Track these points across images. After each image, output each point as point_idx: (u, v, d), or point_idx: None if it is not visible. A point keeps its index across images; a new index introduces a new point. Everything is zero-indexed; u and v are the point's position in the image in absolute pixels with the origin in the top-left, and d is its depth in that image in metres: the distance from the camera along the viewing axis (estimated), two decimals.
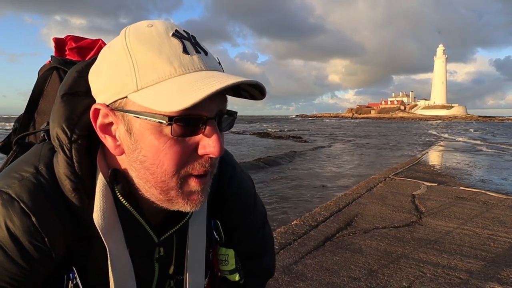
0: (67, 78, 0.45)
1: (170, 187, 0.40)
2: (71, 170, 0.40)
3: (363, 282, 1.82)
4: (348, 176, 6.23)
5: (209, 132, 0.38)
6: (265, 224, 0.63)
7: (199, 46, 0.40)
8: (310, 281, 1.82)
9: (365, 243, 2.34)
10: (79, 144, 0.41)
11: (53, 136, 0.42)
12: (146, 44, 0.38)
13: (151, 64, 0.37)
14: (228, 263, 0.53)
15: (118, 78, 0.39)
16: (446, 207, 3.23)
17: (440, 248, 2.28)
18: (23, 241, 0.39)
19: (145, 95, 0.37)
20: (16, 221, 0.38)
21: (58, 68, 0.57)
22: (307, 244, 2.29)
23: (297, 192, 4.84)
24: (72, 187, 0.41)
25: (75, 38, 0.63)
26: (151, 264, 0.48)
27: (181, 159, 0.38)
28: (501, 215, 3.02)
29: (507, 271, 1.96)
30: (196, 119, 0.37)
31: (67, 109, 0.42)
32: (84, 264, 0.43)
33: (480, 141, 11.67)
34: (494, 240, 2.44)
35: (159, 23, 0.40)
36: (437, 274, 1.92)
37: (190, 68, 0.37)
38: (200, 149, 0.39)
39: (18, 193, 0.39)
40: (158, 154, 0.38)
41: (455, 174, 5.29)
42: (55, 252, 0.41)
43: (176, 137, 0.37)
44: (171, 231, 0.47)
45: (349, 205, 3.21)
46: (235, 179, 0.56)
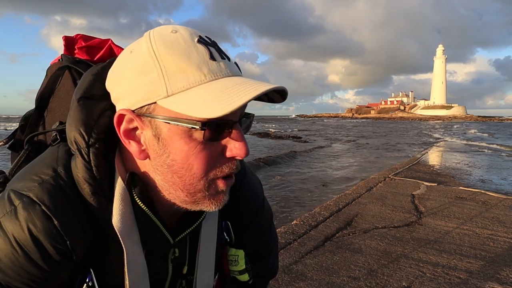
0: (83, 81, 0.45)
1: (197, 189, 0.41)
2: (90, 174, 0.41)
3: (363, 281, 1.82)
4: (348, 176, 6.23)
5: (236, 135, 0.40)
6: (271, 224, 0.65)
7: (222, 53, 0.41)
8: (310, 280, 1.83)
9: (365, 243, 2.34)
10: (97, 148, 0.42)
11: (70, 140, 0.42)
12: (174, 50, 0.39)
13: (180, 70, 0.38)
14: (238, 264, 0.54)
15: (145, 84, 0.39)
16: (445, 207, 3.23)
17: (440, 248, 2.28)
18: (45, 244, 0.39)
19: (177, 101, 0.37)
20: (38, 224, 0.39)
21: (70, 67, 0.57)
22: (307, 244, 2.29)
23: (297, 192, 4.84)
24: (91, 190, 0.41)
25: (84, 37, 0.63)
26: (166, 264, 0.49)
27: (210, 162, 0.40)
28: (501, 215, 3.03)
29: (506, 271, 1.97)
30: (225, 124, 0.39)
31: (84, 113, 0.42)
32: (100, 265, 0.43)
33: (479, 143, 11.59)
34: (493, 240, 2.44)
35: (182, 29, 0.41)
36: (437, 273, 1.92)
37: (218, 75, 0.39)
38: (227, 151, 0.40)
39: (39, 196, 0.39)
40: (188, 158, 0.39)
41: (454, 174, 5.29)
42: (75, 254, 0.41)
43: (206, 141, 0.39)
44: (186, 232, 0.48)
45: (349, 205, 3.21)
46: (246, 181, 0.57)
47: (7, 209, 0.39)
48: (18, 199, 0.40)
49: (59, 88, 0.57)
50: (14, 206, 0.39)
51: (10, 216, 0.39)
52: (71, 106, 0.44)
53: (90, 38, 0.64)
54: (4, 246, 0.39)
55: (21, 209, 0.39)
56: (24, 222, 0.39)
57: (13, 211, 0.39)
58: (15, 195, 0.40)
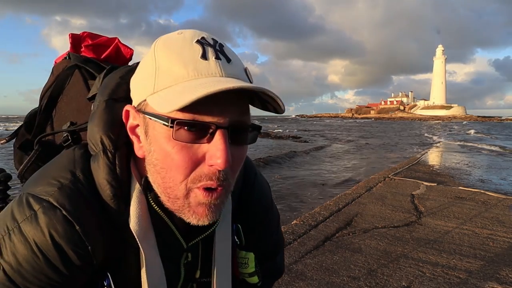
0: (109, 83, 0.45)
1: (176, 195, 0.39)
2: (113, 176, 0.40)
3: (363, 281, 1.82)
4: (348, 176, 6.23)
5: (216, 142, 0.37)
6: (278, 225, 0.65)
7: (222, 53, 0.39)
8: (310, 280, 1.83)
9: (364, 243, 2.34)
10: (122, 151, 0.42)
11: (95, 141, 0.42)
12: (168, 49, 0.39)
13: (168, 68, 0.38)
14: (248, 266, 0.53)
15: (143, 81, 0.40)
16: (445, 207, 3.24)
17: (440, 248, 2.28)
18: (66, 249, 0.39)
19: (156, 98, 0.37)
20: (59, 229, 0.38)
21: (80, 66, 0.56)
22: (307, 243, 2.29)
23: (296, 191, 4.84)
24: (112, 193, 0.41)
25: (91, 35, 0.63)
26: (178, 268, 0.48)
27: (187, 166, 0.37)
28: (500, 214, 3.03)
29: (506, 271, 1.97)
30: (202, 125, 0.36)
31: (111, 115, 0.42)
32: (116, 269, 0.43)
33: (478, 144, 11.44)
34: (493, 240, 2.45)
35: (188, 31, 0.41)
36: (436, 273, 1.93)
37: (204, 73, 0.37)
38: (207, 159, 0.37)
39: (60, 201, 0.39)
40: (167, 158, 0.38)
41: (454, 174, 5.30)
42: (95, 259, 0.41)
43: (179, 141, 0.37)
44: (199, 237, 0.47)
45: (349, 205, 3.22)
46: (257, 185, 0.57)
47: (26, 214, 0.39)
48: (38, 204, 0.39)
49: (68, 88, 0.56)
50: (34, 211, 0.39)
51: (30, 221, 0.38)
52: (98, 106, 0.43)
53: (96, 36, 0.63)
54: (25, 251, 0.38)
55: (42, 214, 0.38)
56: (45, 227, 0.38)
57: (33, 216, 0.38)
58: (34, 200, 0.39)
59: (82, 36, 0.63)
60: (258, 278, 0.54)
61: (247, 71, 0.42)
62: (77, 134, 0.51)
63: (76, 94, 0.55)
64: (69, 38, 0.62)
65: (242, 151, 0.41)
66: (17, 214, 0.39)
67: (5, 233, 0.39)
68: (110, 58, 0.63)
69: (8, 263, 0.38)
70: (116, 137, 0.41)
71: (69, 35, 0.62)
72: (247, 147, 0.42)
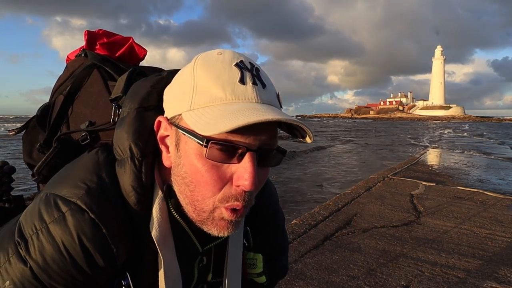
0: (140, 91, 0.46)
1: (203, 209, 0.41)
2: (139, 183, 0.42)
3: (362, 281, 1.83)
4: (347, 176, 6.25)
5: (245, 163, 0.38)
6: (284, 227, 0.66)
7: (258, 79, 0.41)
8: (310, 280, 1.83)
9: (364, 242, 2.35)
10: (148, 159, 0.43)
11: (123, 147, 0.43)
12: (208, 69, 0.40)
13: (207, 88, 0.39)
14: (256, 267, 0.55)
15: (179, 96, 0.41)
16: (444, 207, 3.25)
17: (438, 247, 2.29)
18: (93, 251, 0.40)
19: (193, 115, 0.39)
20: (87, 232, 0.39)
21: (98, 66, 0.57)
22: (307, 243, 2.30)
23: (296, 191, 4.85)
24: (137, 199, 0.42)
25: (107, 33, 0.64)
26: (192, 270, 0.50)
27: (216, 185, 0.39)
28: (499, 214, 3.04)
29: (504, 270, 1.98)
30: (233, 147, 0.38)
31: (142, 124, 0.43)
32: (135, 270, 0.44)
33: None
34: (491, 239, 2.46)
35: (229, 52, 0.42)
36: (435, 273, 1.93)
37: (241, 98, 0.38)
38: (234, 180, 0.39)
39: (88, 204, 0.40)
40: (196, 174, 0.39)
41: (453, 174, 5.31)
42: (118, 261, 0.42)
43: (211, 160, 0.38)
44: (215, 242, 0.49)
45: (348, 205, 3.22)
46: (266, 189, 0.58)
47: (55, 215, 0.40)
48: (66, 206, 0.40)
49: (86, 87, 0.57)
50: (62, 213, 0.40)
51: (59, 223, 0.39)
52: (128, 112, 0.44)
53: (112, 34, 0.64)
54: (52, 251, 0.39)
55: (70, 216, 0.39)
56: (73, 229, 0.39)
57: (61, 218, 0.39)
58: (62, 202, 0.40)
59: (98, 33, 0.64)
60: (266, 277, 0.55)
61: (279, 96, 0.43)
62: (95, 133, 0.52)
63: (95, 94, 0.56)
64: (85, 35, 0.63)
65: (266, 172, 0.43)
66: (45, 215, 0.40)
67: (33, 233, 0.40)
68: (124, 56, 0.64)
69: (36, 262, 0.39)
70: (144, 145, 0.43)
71: (85, 32, 0.63)
72: (270, 168, 0.44)
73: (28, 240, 0.40)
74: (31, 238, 0.40)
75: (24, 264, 0.39)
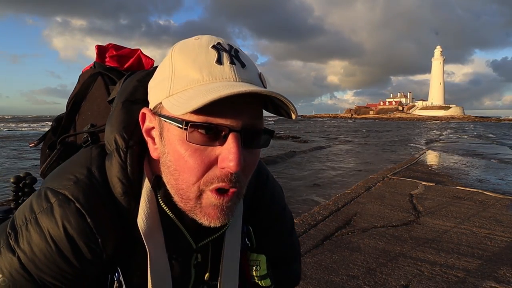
0: (127, 86, 0.47)
1: (189, 196, 0.40)
2: (124, 174, 0.42)
3: (362, 280, 1.83)
4: (347, 176, 6.25)
5: (229, 145, 0.37)
6: (293, 231, 0.64)
7: (237, 59, 0.40)
8: (310, 279, 1.84)
9: (363, 242, 2.35)
10: (134, 150, 0.43)
11: (109, 140, 0.43)
12: (184, 54, 0.40)
13: (184, 72, 0.39)
14: (260, 269, 0.53)
15: (159, 85, 0.41)
16: (443, 207, 3.25)
17: (438, 247, 2.30)
18: (78, 241, 0.40)
19: (171, 100, 0.38)
20: (72, 221, 0.40)
21: (103, 73, 0.60)
22: (306, 243, 2.30)
23: (296, 191, 4.85)
24: (123, 190, 0.42)
25: (116, 47, 0.68)
26: (188, 269, 0.49)
27: (200, 169, 0.38)
28: (498, 214, 3.05)
29: (503, 270, 1.98)
30: (215, 129, 0.37)
31: (127, 116, 0.44)
32: (126, 265, 0.44)
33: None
34: (491, 239, 2.46)
35: (206, 37, 0.41)
36: (435, 272, 1.94)
37: (218, 78, 0.37)
38: (219, 162, 0.38)
39: (74, 194, 0.40)
40: (180, 160, 0.38)
41: (452, 174, 5.32)
42: (105, 252, 0.42)
43: (193, 143, 0.37)
44: (209, 238, 0.48)
45: (348, 205, 3.23)
46: (269, 186, 0.57)
47: (43, 206, 0.40)
48: (54, 197, 0.41)
49: (91, 93, 0.59)
50: (50, 203, 0.40)
51: (46, 213, 0.40)
52: (115, 107, 0.45)
53: (120, 47, 0.68)
54: (40, 242, 0.40)
55: (57, 206, 0.40)
56: (59, 219, 0.40)
57: (49, 208, 0.40)
58: (51, 193, 0.41)
59: (107, 47, 0.67)
60: (271, 281, 0.53)
61: (262, 76, 0.42)
62: (96, 135, 0.53)
63: (97, 98, 0.57)
64: (96, 49, 0.67)
65: (255, 155, 0.41)
66: (35, 206, 0.41)
67: (23, 223, 0.41)
68: (132, 68, 0.66)
69: (23, 252, 0.40)
70: (129, 136, 0.43)
71: (96, 46, 0.67)
72: (260, 151, 0.42)
73: (18, 230, 0.41)
74: (21, 228, 0.41)
75: (13, 254, 0.40)
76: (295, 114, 0.39)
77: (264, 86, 0.41)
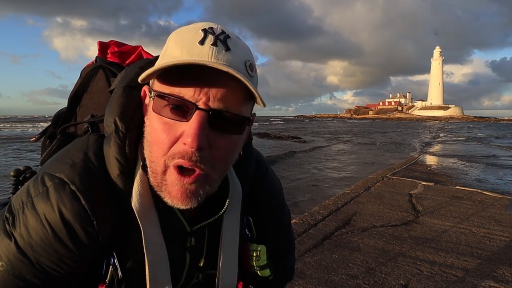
0: (129, 72, 0.49)
1: (157, 170, 0.41)
2: (122, 154, 0.43)
3: (361, 279, 1.84)
4: (346, 176, 6.26)
5: (192, 121, 0.38)
6: (290, 224, 0.65)
7: (223, 42, 0.39)
8: (309, 278, 1.84)
9: (363, 242, 2.36)
10: (132, 132, 0.44)
11: (109, 122, 0.44)
12: (177, 35, 0.42)
13: (170, 50, 0.41)
14: (259, 259, 0.53)
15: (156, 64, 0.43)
16: (442, 206, 3.27)
17: (437, 247, 2.31)
18: (73, 224, 0.40)
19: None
20: (67, 204, 0.40)
21: (104, 67, 0.61)
22: (306, 242, 2.31)
23: (296, 191, 4.86)
24: (120, 169, 0.43)
25: (117, 43, 0.68)
26: (183, 253, 0.49)
27: (166, 142, 0.39)
28: (497, 214, 3.06)
29: (502, 269, 1.99)
30: (182, 104, 0.38)
31: (127, 100, 0.45)
32: (122, 249, 0.44)
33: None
34: (489, 239, 2.47)
35: (204, 23, 0.43)
36: (434, 272, 1.95)
37: (195, 56, 0.38)
38: (182, 137, 0.38)
39: (70, 177, 0.41)
40: (153, 133, 0.41)
41: (451, 174, 5.33)
42: (101, 235, 0.42)
43: (159, 115, 0.39)
44: (204, 222, 0.48)
45: (348, 204, 3.24)
46: (268, 178, 0.58)
47: (39, 189, 0.41)
48: (50, 181, 0.41)
49: (92, 85, 0.60)
50: (46, 187, 0.41)
51: (42, 197, 0.40)
52: (116, 92, 0.47)
53: (122, 44, 0.68)
54: (36, 225, 0.40)
55: (53, 189, 0.40)
56: (55, 202, 0.40)
57: (45, 192, 0.41)
58: (48, 177, 0.42)
59: (108, 43, 0.68)
60: (270, 271, 0.54)
61: (248, 64, 0.41)
62: (96, 125, 0.53)
63: (98, 90, 0.58)
64: (98, 45, 0.67)
65: (229, 140, 0.40)
66: (31, 190, 0.42)
67: (20, 207, 0.41)
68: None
69: (20, 235, 0.40)
70: (128, 119, 0.44)
71: (98, 43, 0.67)
72: (240, 139, 0.42)
73: (15, 214, 0.41)
74: (18, 212, 0.41)
75: (9, 239, 0.40)
76: (261, 101, 0.39)
77: (249, 74, 0.40)
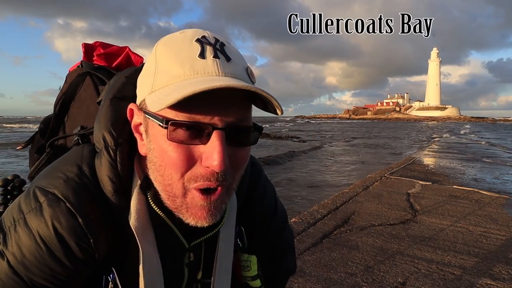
0: (116, 82, 0.46)
1: (175, 194, 0.39)
2: (114, 172, 0.41)
3: (360, 278, 1.86)
4: (345, 175, 6.29)
5: (212, 143, 0.36)
6: (285, 226, 0.63)
7: (222, 52, 0.38)
8: (309, 276, 1.86)
9: (361, 240, 2.38)
10: (123, 148, 0.42)
11: (98, 138, 0.42)
12: (168, 48, 0.39)
13: (166, 67, 0.38)
14: (250, 269, 0.52)
15: (144, 80, 0.41)
16: (440, 205, 3.29)
17: (434, 245, 2.33)
18: (69, 241, 0.39)
19: (153, 97, 0.38)
20: (63, 221, 0.38)
21: (91, 73, 0.58)
22: (306, 241, 2.32)
23: (295, 190, 4.87)
24: (113, 188, 0.41)
25: (103, 45, 0.65)
26: (182, 268, 0.48)
27: (183, 165, 0.37)
28: (493, 213, 3.09)
29: (499, 267, 2.02)
30: (198, 127, 0.36)
31: (115, 113, 0.43)
32: (119, 266, 0.43)
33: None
34: (486, 237, 2.50)
35: (191, 30, 0.40)
36: (432, 270, 1.97)
37: (200, 72, 0.36)
38: (203, 160, 0.37)
39: (64, 193, 0.39)
40: (164, 155, 0.37)
41: (448, 173, 5.37)
42: (98, 253, 0.41)
43: (173, 142, 0.36)
44: (202, 238, 0.47)
45: (346, 203, 3.25)
46: (261, 187, 0.56)
47: (32, 205, 0.39)
48: (44, 196, 0.39)
49: (80, 93, 0.57)
50: (39, 203, 0.39)
51: (35, 213, 0.39)
52: (103, 105, 0.44)
53: (108, 45, 0.65)
54: (29, 243, 0.38)
55: (46, 206, 0.39)
56: (49, 219, 0.38)
57: (38, 208, 0.39)
58: (41, 192, 0.40)
59: (94, 45, 0.64)
60: (261, 282, 0.53)
61: (249, 70, 0.40)
62: (87, 137, 0.51)
63: (86, 99, 0.56)
64: (82, 47, 0.64)
65: (244, 152, 0.40)
66: (23, 206, 0.40)
67: (11, 225, 0.39)
68: (121, 66, 0.64)
69: (13, 254, 0.38)
70: (118, 134, 0.41)
71: (82, 45, 0.64)
72: (250, 147, 0.41)
73: (6, 232, 0.39)
74: (9, 230, 0.39)
75: (1, 258, 0.38)
76: (280, 110, 0.37)
77: (251, 81, 0.40)
